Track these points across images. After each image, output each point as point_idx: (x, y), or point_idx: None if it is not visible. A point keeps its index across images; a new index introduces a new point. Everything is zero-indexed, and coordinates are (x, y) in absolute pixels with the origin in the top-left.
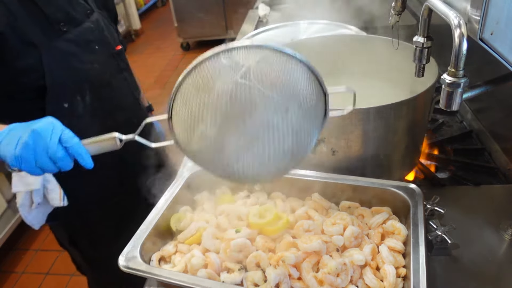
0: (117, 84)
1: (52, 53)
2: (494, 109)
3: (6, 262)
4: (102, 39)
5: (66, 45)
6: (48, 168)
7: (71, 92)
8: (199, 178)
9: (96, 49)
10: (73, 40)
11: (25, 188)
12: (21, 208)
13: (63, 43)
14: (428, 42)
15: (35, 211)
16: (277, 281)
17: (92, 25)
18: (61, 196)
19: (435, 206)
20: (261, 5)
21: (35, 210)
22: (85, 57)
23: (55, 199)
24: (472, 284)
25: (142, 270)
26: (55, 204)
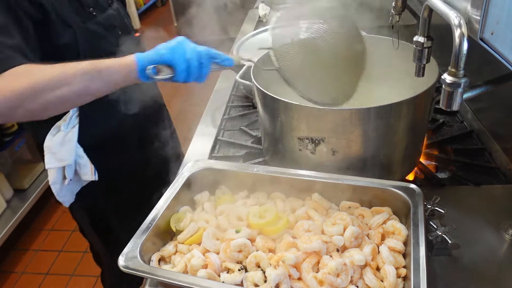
0: None
1: (85, 34)
2: (495, 109)
3: (6, 262)
4: (123, 25)
5: (96, 27)
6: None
7: None
8: (199, 178)
9: (119, 34)
10: (101, 23)
11: (58, 164)
12: (53, 186)
13: (93, 25)
14: (428, 42)
15: (66, 189)
16: (277, 281)
17: (115, 13)
18: (92, 171)
19: (436, 206)
20: (261, 5)
21: (66, 187)
22: (112, 40)
23: (87, 174)
24: (473, 284)
25: (142, 270)
26: (87, 179)
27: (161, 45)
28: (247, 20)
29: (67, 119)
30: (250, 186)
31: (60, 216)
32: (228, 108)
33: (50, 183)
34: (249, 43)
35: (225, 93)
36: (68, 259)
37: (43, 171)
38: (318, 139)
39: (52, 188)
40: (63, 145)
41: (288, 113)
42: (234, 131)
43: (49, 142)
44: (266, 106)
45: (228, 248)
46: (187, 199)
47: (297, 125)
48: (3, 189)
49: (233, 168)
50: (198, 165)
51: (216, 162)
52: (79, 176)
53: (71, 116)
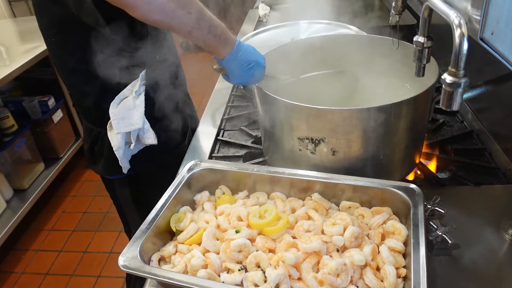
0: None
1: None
2: (495, 109)
3: (6, 262)
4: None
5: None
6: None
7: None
8: (199, 178)
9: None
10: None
11: (129, 128)
12: (117, 151)
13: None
14: (428, 42)
15: (125, 155)
16: (277, 281)
17: None
18: (154, 135)
19: (436, 206)
20: (261, 5)
21: (126, 153)
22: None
23: (150, 138)
24: (473, 284)
25: (142, 271)
26: (149, 142)
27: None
28: (247, 20)
29: (133, 87)
30: (250, 186)
31: (60, 216)
32: (228, 108)
33: (115, 149)
34: (249, 43)
35: (225, 93)
36: (68, 259)
37: (43, 171)
38: (318, 139)
39: (116, 153)
40: (133, 110)
41: (288, 113)
42: (234, 131)
43: (116, 109)
44: (266, 106)
45: (228, 248)
46: (187, 199)
47: (297, 125)
48: (3, 189)
49: (233, 168)
50: (198, 165)
51: (216, 162)
52: (141, 140)
53: (140, 84)
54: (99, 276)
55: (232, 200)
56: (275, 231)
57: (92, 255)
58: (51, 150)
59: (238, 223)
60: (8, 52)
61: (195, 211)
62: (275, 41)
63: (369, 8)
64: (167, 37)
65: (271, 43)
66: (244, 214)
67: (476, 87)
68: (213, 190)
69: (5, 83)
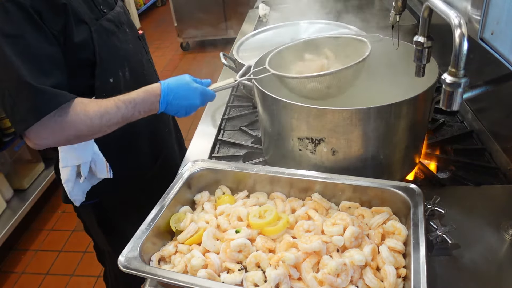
0: (146, 64)
1: (99, 31)
2: (495, 109)
3: (6, 262)
4: (129, 22)
5: (108, 24)
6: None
7: (114, 68)
8: (199, 178)
9: (127, 31)
10: (112, 20)
11: (76, 162)
12: (66, 184)
13: (106, 23)
14: (428, 42)
15: (78, 187)
16: (277, 281)
17: (121, 10)
18: (107, 168)
19: (436, 206)
20: (261, 5)
21: (78, 186)
22: (122, 37)
23: (102, 171)
24: (473, 284)
25: (142, 271)
26: (102, 176)
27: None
28: (247, 20)
29: None
30: (250, 186)
31: (60, 216)
32: (228, 108)
33: (64, 182)
34: (249, 43)
35: (225, 93)
36: (68, 259)
37: (43, 171)
38: (318, 139)
39: (65, 186)
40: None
41: (288, 113)
42: (234, 131)
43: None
44: (266, 106)
45: (228, 248)
46: (187, 199)
47: (297, 125)
48: (3, 189)
49: (233, 168)
50: (198, 165)
51: (216, 162)
52: (94, 174)
53: None
54: (99, 276)
55: (232, 200)
56: (275, 231)
57: (92, 255)
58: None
59: (238, 223)
60: None
61: (195, 211)
62: (275, 41)
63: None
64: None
65: (271, 43)
66: (244, 214)
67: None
68: (213, 190)
69: None
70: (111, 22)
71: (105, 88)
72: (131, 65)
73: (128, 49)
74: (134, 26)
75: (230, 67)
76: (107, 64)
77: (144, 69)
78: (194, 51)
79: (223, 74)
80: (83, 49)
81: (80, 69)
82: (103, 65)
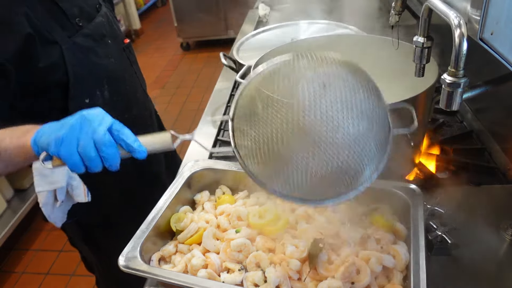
0: (130, 78)
1: (72, 49)
2: (494, 109)
3: (6, 262)
4: (112, 33)
5: (84, 40)
6: (89, 154)
7: (91, 87)
8: (199, 178)
9: (109, 43)
10: (89, 35)
11: (49, 187)
12: (44, 208)
13: (81, 38)
14: (428, 42)
15: (57, 210)
16: (277, 283)
17: (103, 19)
18: (85, 192)
19: (435, 206)
20: (261, 5)
21: (56, 209)
22: (101, 51)
23: (79, 195)
24: (472, 284)
25: (142, 270)
26: (79, 200)
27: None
28: (247, 20)
29: None
30: (250, 186)
31: None
32: (228, 108)
33: (41, 205)
34: (249, 43)
35: (225, 93)
36: (68, 259)
37: None
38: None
39: (42, 210)
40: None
41: None
42: None
43: (38, 164)
44: None
45: (228, 248)
46: (187, 199)
47: None
48: (3, 189)
49: (233, 168)
50: (198, 165)
51: (216, 162)
52: (71, 197)
53: None
54: None
55: (232, 200)
56: (275, 231)
57: None
58: None
59: (238, 223)
60: None
61: (195, 211)
62: (275, 41)
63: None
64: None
65: (271, 43)
66: (244, 214)
67: (476, 87)
68: (213, 190)
69: None
70: (88, 37)
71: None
72: (111, 82)
73: (108, 65)
74: (119, 36)
75: (230, 67)
76: (82, 84)
77: (127, 84)
78: (194, 51)
79: (223, 74)
80: (52, 72)
81: (50, 91)
82: (77, 85)
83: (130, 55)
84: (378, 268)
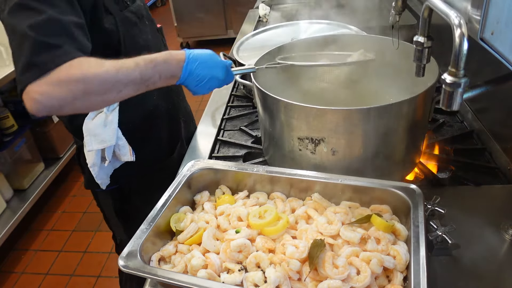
0: None
1: (123, 21)
2: (495, 109)
3: (6, 262)
4: (148, 15)
5: (131, 15)
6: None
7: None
8: (199, 178)
9: (147, 24)
10: (134, 12)
11: (101, 145)
12: (92, 168)
13: (129, 14)
14: (428, 42)
15: (103, 171)
16: (277, 283)
17: (142, 3)
18: (130, 152)
19: (436, 206)
20: (261, 5)
21: (103, 169)
22: (143, 28)
23: (126, 154)
24: (473, 284)
25: (142, 271)
26: (126, 159)
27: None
28: (247, 20)
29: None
30: (250, 186)
31: (60, 216)
32: (228, 108)
33: (90, 165)
34: (249, 43)
35: (225, 93)
36: (68, 259)
37: (43, 171)
38: (318, 139)
39: (91, 170)
40: (106, 126)
41: (288, 113)
42: (234, 131)
43: (89, 125)
44: (266, 106)
45: (228, 248)
46: (187, 199)
47: (297, 125)
48: (3, 189)
49: (233, 168)
50: (198, 165)
51: (216, 162)
52: (117, 157)
53: None
54: (99, 276)
55: (232, 200)
56: (275, 231)
57: (92, 255)
58: (51, 150)
59: (238, 223)
60: (8, 52)
61: (195, 211)
62: (275, 41)
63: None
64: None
65: (271, 43)
66: (244, 214)
67: (476, 87)
68: (213, 190)
69: (5, 83)
70: (133, 13)
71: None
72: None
73: (148, 40)
74: (154, 20)
75: None
76: (131, 53)
77: None
78: None
79: None
80: (109, 36)
81: (105, 56)
82: (127, 53)
83: (163, 38)
84: (378, 270)
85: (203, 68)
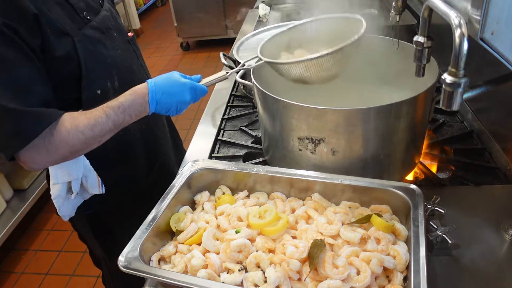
0: (137, 69)
1: (83, 41)
2: (495, 109)
3: (6, 262)
4: (117, 26)
5: (93, 32)
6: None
7: (102, 78)
8: (199, 178)
9: (115, 36)
10: (97, 27)
11: (67, 178)
12: (56, 200)
13: (90, 31)
14: (428, 42)
15: (67, 203)
16: (277, 283)
17: (107, 13)
18: (99, 184)
19: (436, 206)
20: (261, 5)
21: (67, 202)
22: (109, 43)
23: (94, 187)
24: (473, 284)
25: (142, 271)
26: (94, 192)
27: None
28: (247, 20)
29: None
30: (250, 186)
31: None
32: (228, 108)
33: (53, 198)
34: (249, 43)
35: (225, 93)
36: (68, 259)
37: (42, 171)
38: (318, 139)
39: (54, 202)
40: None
41: (288, 113)
42: (234, 131)
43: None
44: (266, 106)
45: (228, 248)
46: (187, 199)
47: (297, 125)
48: (3, 189)
49: (233, 168)
50: (198, 165)
51: (216, 162)
52: (85, 189)
53: None
54: (99, 276)
55: (232, 200)
56: (275, 231)
57: None
58: None
59: (238, 223)
60: None
61: (195, 211)
62: None
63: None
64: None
65: None
66: (244, 214)
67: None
68: (213, 190)
69: None
70: (96, 29)
71: (93, 100)
72: (120, 73)
73: (116, 56)
74: (123, 29)
75: (230, 67)
76: (94, 75)
77: (135, 75)
78: (194, 51)
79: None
80: (67, 63)
81: (65, 83)
82: (89, 77)
83: (135, 48)
84: (378, 270)
85: (167, 97)
